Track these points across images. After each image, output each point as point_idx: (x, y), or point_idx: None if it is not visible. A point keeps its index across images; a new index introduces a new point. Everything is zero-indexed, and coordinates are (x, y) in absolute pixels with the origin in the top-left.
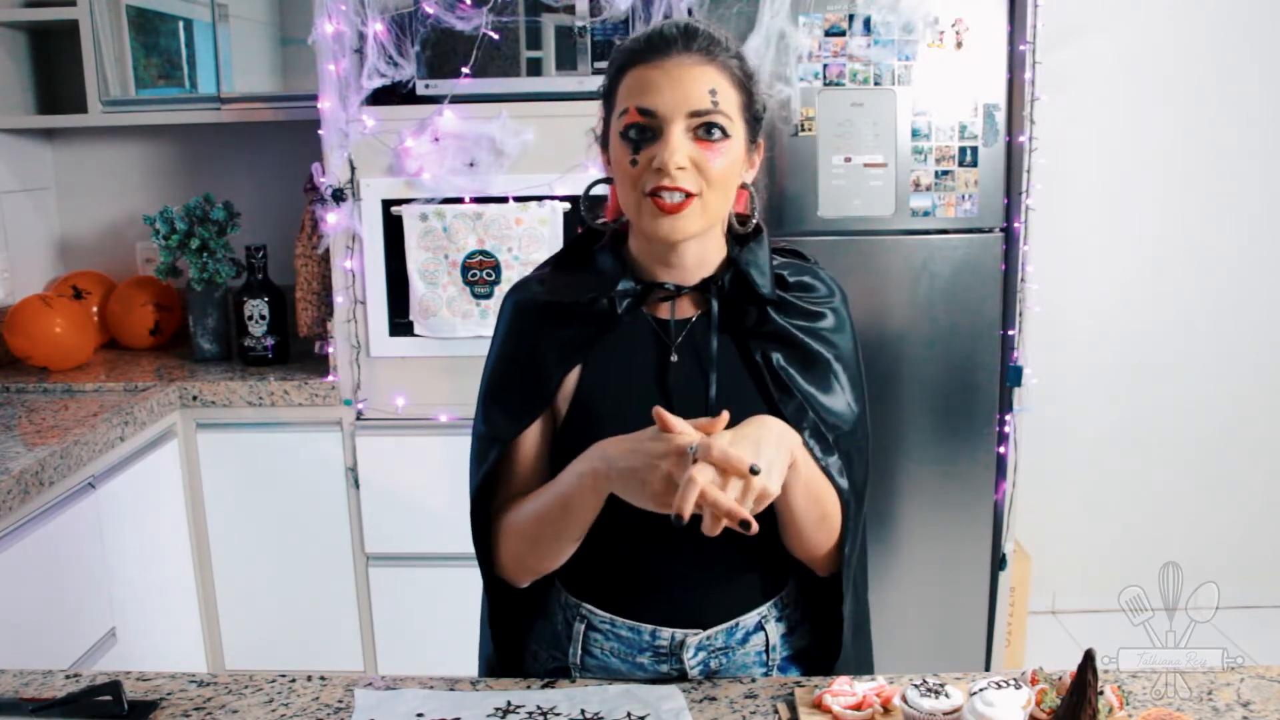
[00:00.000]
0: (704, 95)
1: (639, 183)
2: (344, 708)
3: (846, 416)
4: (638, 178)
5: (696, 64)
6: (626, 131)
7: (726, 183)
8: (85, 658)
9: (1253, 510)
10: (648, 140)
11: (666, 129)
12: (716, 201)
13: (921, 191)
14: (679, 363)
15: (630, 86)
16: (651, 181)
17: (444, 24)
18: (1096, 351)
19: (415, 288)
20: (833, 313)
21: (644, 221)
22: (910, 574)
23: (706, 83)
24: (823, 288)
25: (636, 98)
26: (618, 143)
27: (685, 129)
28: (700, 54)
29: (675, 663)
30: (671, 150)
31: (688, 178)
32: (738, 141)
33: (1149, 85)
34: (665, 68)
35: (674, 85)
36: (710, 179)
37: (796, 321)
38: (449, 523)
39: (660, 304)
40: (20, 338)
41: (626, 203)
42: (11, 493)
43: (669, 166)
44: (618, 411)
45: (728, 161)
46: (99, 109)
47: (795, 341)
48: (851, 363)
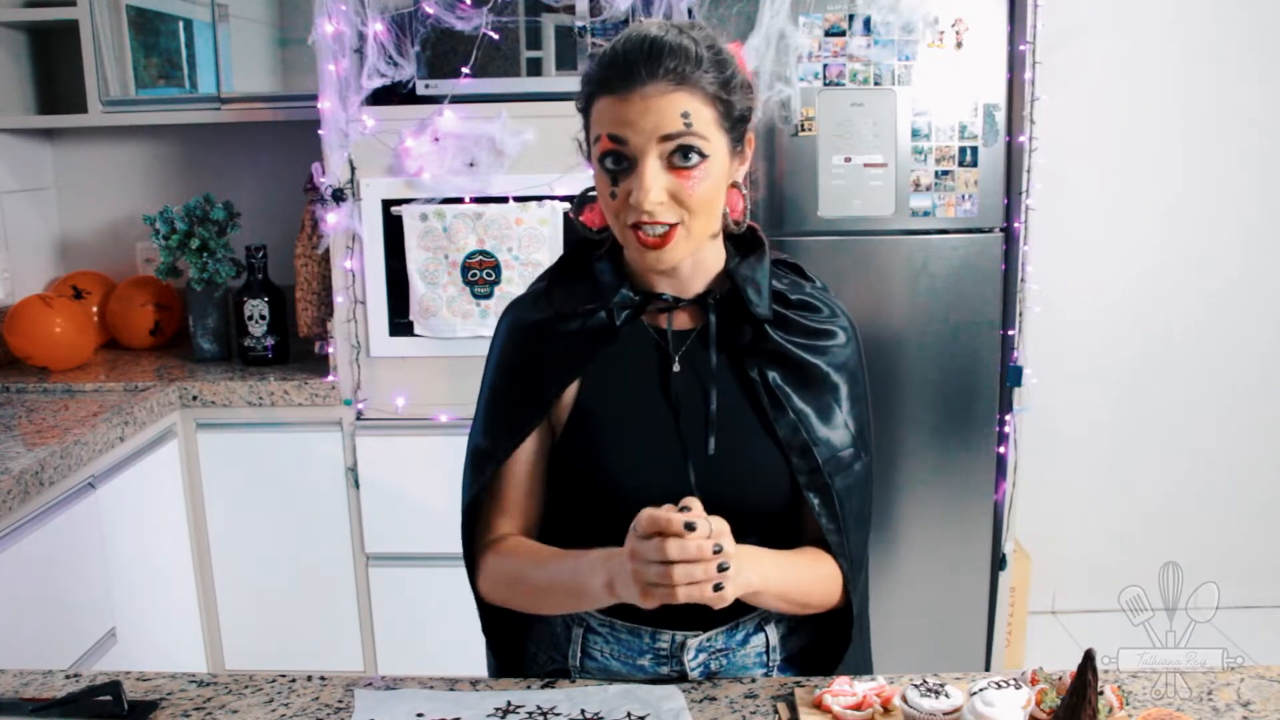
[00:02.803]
0: (675, 119)
1: (621, 214)
2: (344, 708)
3: (842, 438)
4: (618, 210)
5: (665, 92)
6: (603, 160)
7: (709, 204)
8: (85, 658)
9: (1253, 510)
10: (624, 171)
11: (641, 160)
12: (699, 226)
13: (921, 191)
14: (680, 373)
15: (600, 115)
16: (632, 216)
17: (444, 24)
18: (1096, 351)
19: (415, 288)
20: (841, 331)
21: (630, 250)
22: (910, 574)
23: (678, 107)
24: (825, 309)
25: (608, 126)
26: (597, 168)
27: (659, 156)
28: (668, 79)
29: (675, 665)
30: (646, 189)
31: (667, 211)
32: (718, 158)
33: (1149, 85)
34: (631, 100)
35: (642, 116)
36: (690, 207)
37: (796, 339)
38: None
39: (659, 313)
40: (20, 338)
41: (613, 228)
42: (11, 493)
43: (644, 205)
44: (622, 421)
45: (707, 184)
46: (99, 109)
47: (793, 360)
48: (855, 382)
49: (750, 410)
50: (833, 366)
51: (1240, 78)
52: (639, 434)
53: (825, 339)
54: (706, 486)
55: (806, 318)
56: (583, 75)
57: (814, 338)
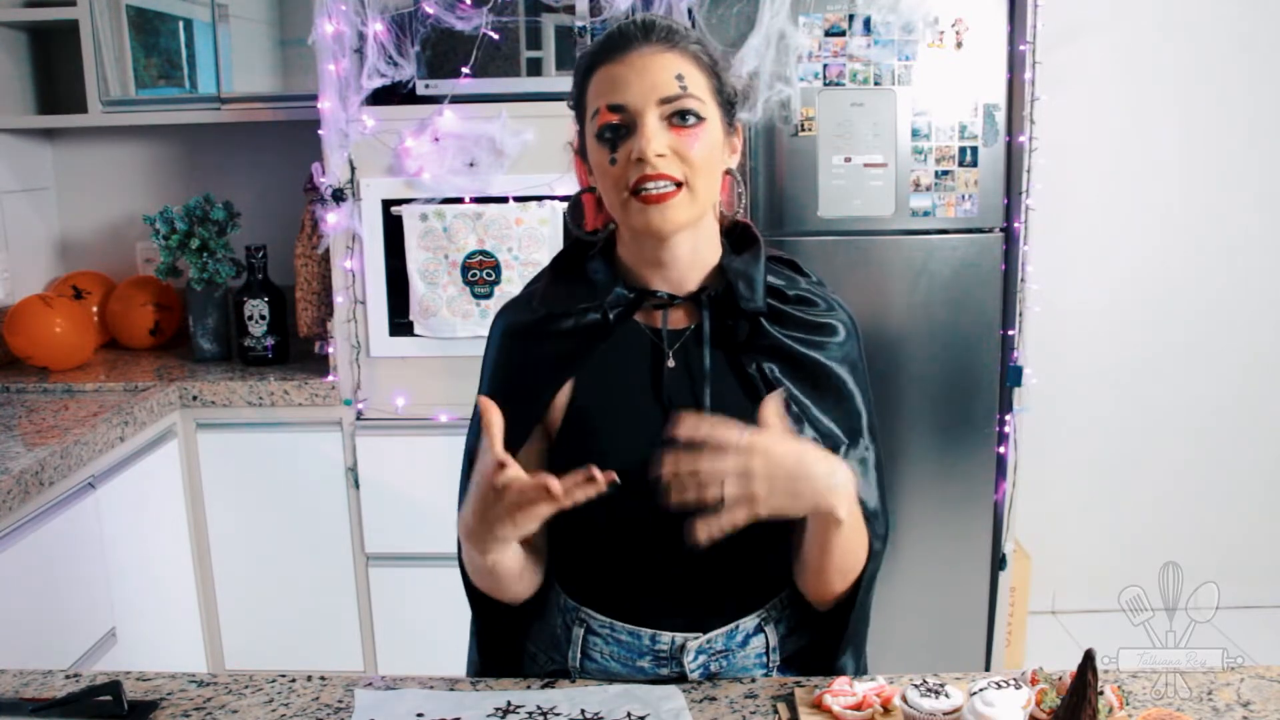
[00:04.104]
0: (671, 81)
1: (621, 181)
2: (344, 708)
3: (846, 431)
4: (620, 176)
5: (659, 52)
6: (601, 132)
7: (710, 167)
8: (85, 658)
9: (1253, 510)
10: (623, 137)
11: (640, 121)
12: (703, 188)
13: (921, 191)
14: (674, 370)
15: (598, 87)
16: (634, 174)
17: (444, 24)
18: (1097, 351)
19: (415, 288)
20: (840, 324)
21: (632, 218)
22: (910, 574)
23: (672, 69)
24: (823, 303)
25: (606, 96)
26: (595, 146)
27: (659, 118)
28: (661, 43)
29: (675, 666)
30: (648, 139)
31: (670, 164)
32: (714, 125)
33: (1149, 85)
34: (629, 61)
35: (640, 76)
36: (692, 164)
37: (795, 334)
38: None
39: (654, 311)
40: (20, 338)
41: (613, 205)
42: (11, 493)
43: (648, 154)
44: (615, 419)
45: (707, 145)
46: (99, 109)
47: (792, 355)
48: (857, 373)
49: (749, 407)
50: (833, 360)
51: (1240, 77)
52: (633, 433)
53: (824, 333)
54: None
55: (804, 312)
56: (575, 63)
57: (812, 332)
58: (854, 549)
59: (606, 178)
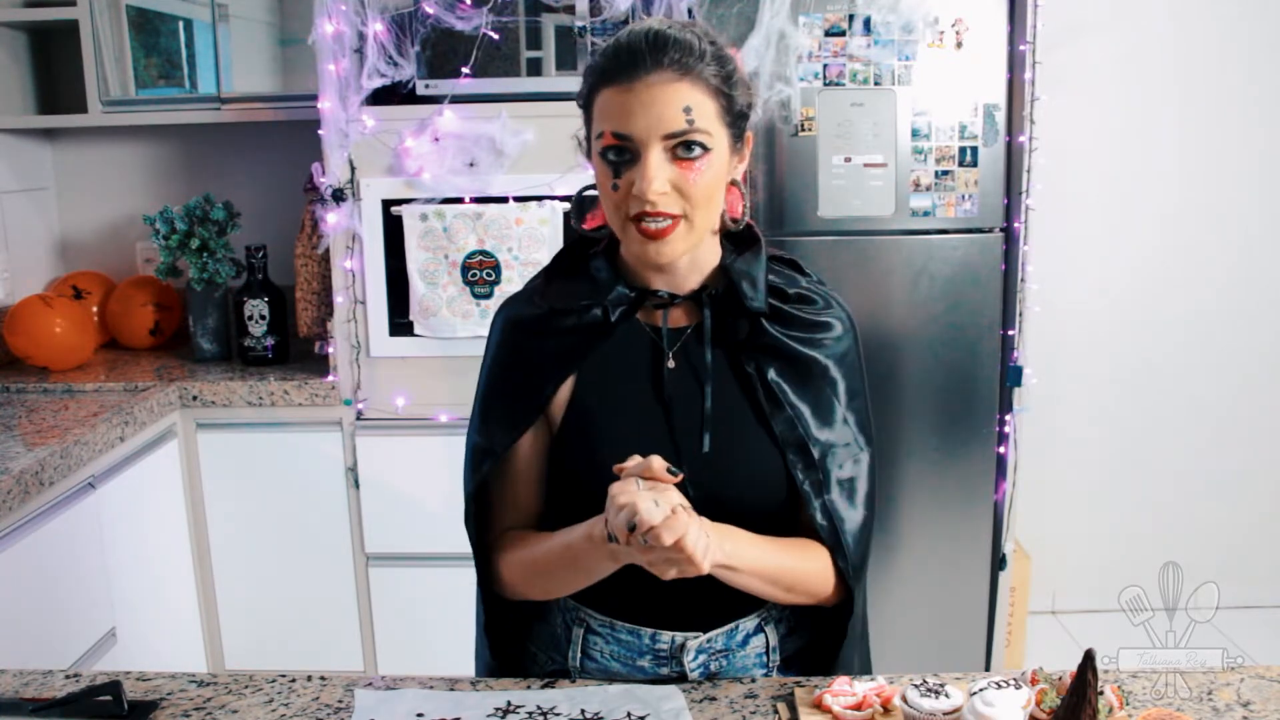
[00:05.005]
0: (678, 116)
1: (622, 207)
2: (344, 708)
3: (841, 433)
4: (620, 202)
5: (669, 82)
6: (605, 153)
7: (710, 198)
8: (85, 658)
9: (1253, 510)
10: (626, 163)
11: (643, 153)
12: (702, 219)
13: (921, 191)
14: (675, 370)
15: (604, 109)
16: (634, 207)
17: (444, 24)
18: (1097, 351)
19: (415, 288)
20: (837, 322)
21: (631, 245)
22: (910, 574)
23: (680, 101)
24: (821, 301)
25: (611, 122)
26: (598, 162)
27: (663, 149)
28: (672, 69)
29: (675, 666)
30: (649, 179)
31: (669, 201)
32: (720, 151)
33: (1149, 85)
34: (636, 90)
35: (646, 109)
36: (692, 199)
37: (793, 333)
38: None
39: (655, 310)
40: (20, 338)
41: (613, 222)
42: (11, 493)
43: (648, 194)
44: (614, 419)
45: (709, 177)
46: (99, 109)
47: (790, 354)
48: (853, 373)
49: (747, 407)
50: (830, 359)
51: (1240, 77)
52: (633, 432)
53: (821, 331)
54: (702, 484)
55: (803, 310)
56: (585, 68)
57: (810, 330)
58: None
59: (608, 197)
